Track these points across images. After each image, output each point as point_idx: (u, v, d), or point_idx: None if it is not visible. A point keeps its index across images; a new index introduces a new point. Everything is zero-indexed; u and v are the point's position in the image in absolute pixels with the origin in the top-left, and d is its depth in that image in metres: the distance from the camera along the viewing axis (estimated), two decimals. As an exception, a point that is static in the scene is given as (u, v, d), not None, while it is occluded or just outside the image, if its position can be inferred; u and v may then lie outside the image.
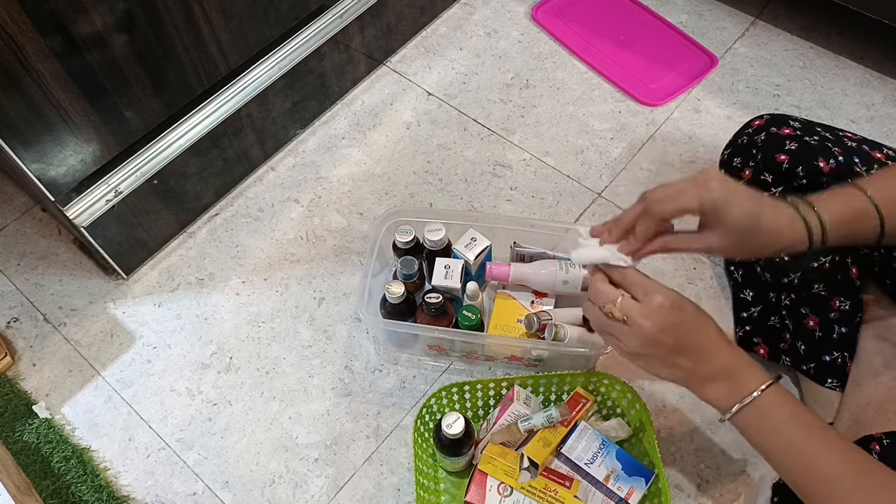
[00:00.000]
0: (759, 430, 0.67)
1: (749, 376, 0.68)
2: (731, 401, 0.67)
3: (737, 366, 0.68)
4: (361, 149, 1.27)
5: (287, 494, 0.95)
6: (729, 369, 0.68)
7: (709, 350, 0.69)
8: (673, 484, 0.93)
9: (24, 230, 1.21)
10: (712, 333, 0.69)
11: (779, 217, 0.68)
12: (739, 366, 0.68)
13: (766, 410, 0.66)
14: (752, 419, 0.67)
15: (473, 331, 0.96)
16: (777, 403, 0.66)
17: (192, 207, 1.18)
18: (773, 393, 0.66)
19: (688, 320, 0.69)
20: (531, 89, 1.34)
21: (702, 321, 0.70)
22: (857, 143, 0.91)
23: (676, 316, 0.68)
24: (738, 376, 0.68)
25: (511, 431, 0.87)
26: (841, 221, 0.69)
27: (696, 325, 0.69)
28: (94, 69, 0.88)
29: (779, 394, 0.67)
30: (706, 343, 0.69)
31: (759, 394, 0.66)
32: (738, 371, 0.68)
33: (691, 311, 0.69)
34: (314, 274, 1.14)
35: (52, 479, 0.96)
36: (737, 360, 0.68)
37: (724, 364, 0.68)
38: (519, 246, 1.03)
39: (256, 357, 1.06)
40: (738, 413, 0.67)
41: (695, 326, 0.69)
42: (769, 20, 1.41)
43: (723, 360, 0.68)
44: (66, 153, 0.92)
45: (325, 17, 1.16)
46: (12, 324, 1.10)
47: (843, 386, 0.92)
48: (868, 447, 0.75)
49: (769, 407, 0.66)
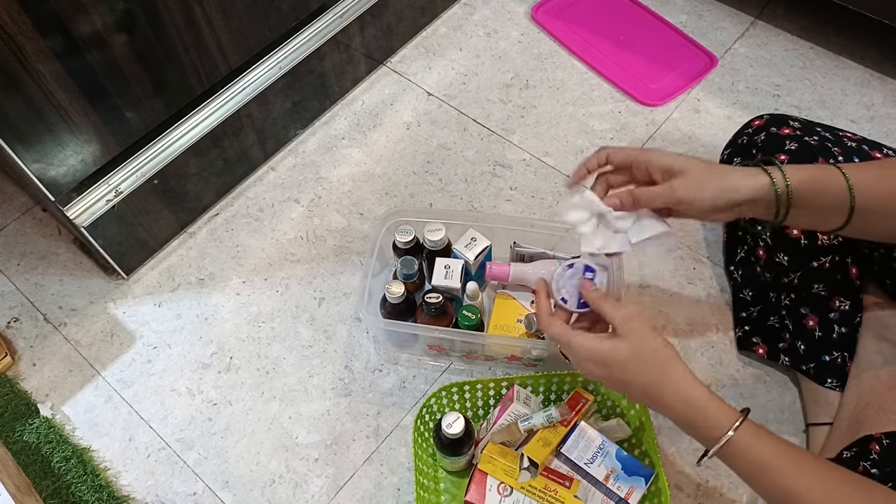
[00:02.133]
0: (735, 466, 0.66)
1: (714, 420, 0.65)
2: (706, 444, 0.66)
3: (697, 413, 0.66)
4: (361, 149, 1.27)
5: (287, 494, 0.95)
6: (689, 419, 0.67)
7: (661, 400, 0.68)
8: (673, 484, 0.93)
9: (25, 230, 1.21)
10: (665, 381, 0.67)
11: (736, 168, 0.70)
12: (701, 412, 0.66)
13: (739, 452, 0.64)
14: (728, 460, 0.66)
15: (473, 331, 0.96)
16: (749, 442, 0.64)
17: (192, 207, 1.18)
18: (744, 431, 0.64)
19: (629, 371, 0.68)
20: (531, 89, 1.34)
21: (648, 368, 0.67)
22: (856, 144, 0.91)
23: (616, 367, 0.68)
24: (702, 425, 0.66)
25: (511, 431, 0.87)
26: (806, 182, 0.69)
27: (640, 374, 0.68)
28: (94, 69, 0.88)
29: (751, 431, 0.64)
30: (656, 394, 0.68)
31: (731, 434, 0.64)
32: (700, 419, 0.66)
33: (633, 360, 0.67)
34: (314, 274, 1.14)
35: (53, 479, 0.96)
36: (696, 405, 0.66)
37: (682, 413, 0.67)
38: (519, 246, 1.03)
39: (256, 357, 1.06)
40: (712, 457, 0.66)
41: (639, 375, 0.68)
42: (769, 20, 1.41)
43: (680, 410, 0.67)
44: (67, 153, 0.92)
45: (325, 17, 1.16)
46: (12, 324, 1.11)
47: (842, 386, 0.92)
48: (868, 447, 0.75)
49: (742, 448, 0.64)
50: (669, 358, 0.68)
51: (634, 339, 0.68)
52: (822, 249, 0.89)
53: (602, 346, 0.69)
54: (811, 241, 0.89)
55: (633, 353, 0.67)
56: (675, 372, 0.67)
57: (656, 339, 0.68)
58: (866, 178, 0.69)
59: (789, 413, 0.98)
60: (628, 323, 0.69)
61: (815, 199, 0.69)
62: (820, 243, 0.89)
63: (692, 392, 0.66)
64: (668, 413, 0.68)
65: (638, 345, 0.68)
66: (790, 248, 0.91)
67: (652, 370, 0.67)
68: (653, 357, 0.67)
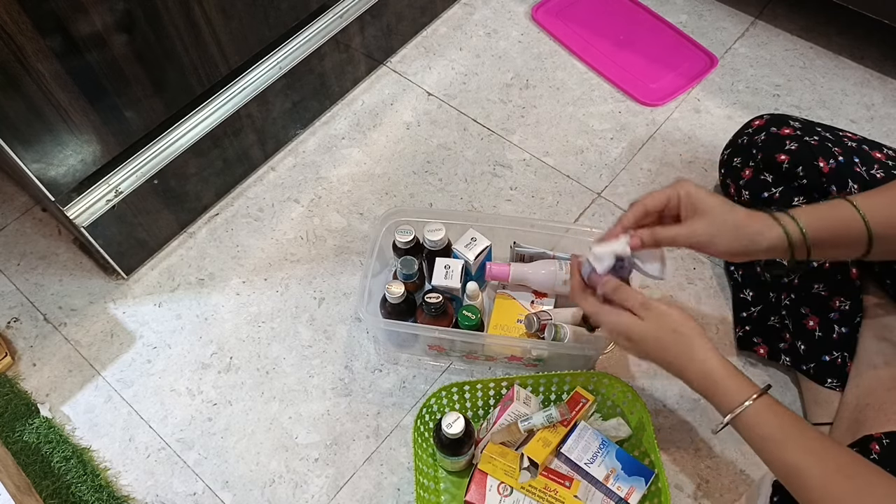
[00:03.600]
0: (748, 439, 0.70)
1: (732, 391, 0.69)
2: (721, 412, 0.70)
3: (716, 381, 0.70)
4: (361, 149, 1.27)
5: (287, 494, 0.95)
6: (709, 386, 0.71)
7: (682, 374, 0.73)
8: (673, 484, 0.93)
9: (25, 230, 1.21)
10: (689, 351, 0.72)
11: (755, 215, 0.72)
12: (720, 380, 0.70)
13: (751, 422, 0.68)
14: (741, 430, 0.69)
15: (473, 331, 0.96)
16: (762, 416, 0.68)
17: (192, 207, 1.18)
18: (756, 407, 0.68)
19: (651, 349, 0.74)
20: (531, 89, 1.34)
21: (678, 341, 0.72)
22: (857, 143, 0.91)
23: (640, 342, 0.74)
24: (720, 392, 0.70)
25: (511, 431, 0.87)
26: (822, 227, 0.71)
27: (662, 351, 0.73)
28: (94, 69, 0.88)
29: (764, 406, 0.68)
30: (681, 364, 0.73)
31: (746, 406, 0.68)
32: (717, 387, 0.70)
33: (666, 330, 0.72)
34: (314, 274, 1.14)
35: (52, 479, 0.96)
36: (715, 374, 0.70)
37: (702, 381, 0.71)
38: (519, 246, 1.03)
39: (256, 357, 1.06)
40: (726, 426, 0.70)
41: (661, 352, 0.73)
42: (769, 20, 1.41)
43: (699, 379, 0.71)
44: (67, 153, 0.92)
45: (325, 17, 1.16)
46: (12, 324, 1.11)
47: (842, 386, 0.92)
48: (868, 447, 0.75)
49: (754, 419, 0.68)
50: (690, 337, 0.72)
51: (654, 321, 0.73)
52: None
53: (626, 321, 0.74)
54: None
55: (655, 334, 0.72)
56: (697, 350, 0.71)
57: (676, 318, 0.72)
58: (879, 205, 0.70)
59: (789, 413, 0.98)
60: (646, 307, 0.74)
61: (833, 239, 0.71)
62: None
63: (712, 369, 0.70)
64: (690, 385, 0.73)
65: (657, 326, 0.72)
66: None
67: (672, 349, 0.72)
68: (673, 337, 0.72)
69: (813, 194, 0.90)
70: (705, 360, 0.71)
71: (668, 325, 0.72)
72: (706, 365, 0.71)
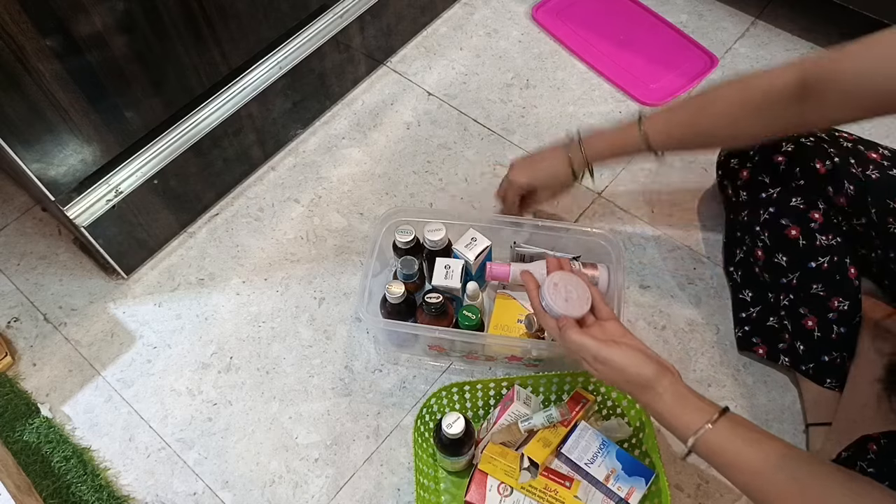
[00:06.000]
0: (712, 463, 0.71)
1: (685, 428, 0.71)
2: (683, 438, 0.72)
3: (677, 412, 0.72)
4: (362, 149, 1.27)
5: (287, 494, 0.95)
6: (668, 426, 0.73)
7: (647, 408, 0.75)
8: (673, 484, 0.93)
9: (25, 230, 1.21)
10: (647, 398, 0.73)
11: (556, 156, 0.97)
12: (677, 419, 0.71)
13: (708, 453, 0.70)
14: (705, 455, 0.70)
15: (473, 331, 0.96)
16: (719, 444, 0.69)
17: (192, 207, 1.18)
18: (709, 435, 0.69)
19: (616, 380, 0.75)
20: (531, 89, 1.34)
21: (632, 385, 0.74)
22: (853, 144, 0.91)
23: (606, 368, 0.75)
24: (679, 431, 0.72)
25: (511, 431, 0.87)
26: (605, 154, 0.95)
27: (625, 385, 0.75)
28: (94, 69, 0.88)
29: (718, 434, 0.69)
30: (641, 402, 0.75)
31: (693, 441, 0.70)
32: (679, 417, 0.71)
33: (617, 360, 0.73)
34: (314, 274, 1.14)
35: (53, 478, 0.96)
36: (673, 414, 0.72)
37: (662, 420, 0.73)
38: (519, 246, 1.03)
39: (256, 357, 1.06)
40: (691, 452, 0.71)
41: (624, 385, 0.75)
42: (769, 20, 1.41)
43: (661, 418, 0.73)
44: (67, 153, 0.92)
45: (325, 17, 1.16)
46: (12, 324, 1.11)
47: (841, 386, 0.92)
48: (866, 447, 0.75)
49: (709, 451, 0.70)
50: (652, 379, 0.72)
51: (618, 356, 0.73)
52: (820, 250, 0.89)
53: (590, 343, 0.75)
54: (809, 242, 0.89)
55: (619, 368, 0.73)
56: (659, 386, 0.72)
57: (638, 358, 0.73)
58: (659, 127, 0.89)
59: (789, 413, 0.98)
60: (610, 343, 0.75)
61: (616, 160, 0.97)
62: (818, 244, 0.89)
63: (671, 407, 0.72)
64: (653, 417, 0.75)
65: (620, 364, 0.73)
66: (789, 249, 0.91)
67: (635, 387, 0.74)
68: (636, 377, 0.73)
69: (811, 196, 0.90)
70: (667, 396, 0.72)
71: (632, 366, 0.73)
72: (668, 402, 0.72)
